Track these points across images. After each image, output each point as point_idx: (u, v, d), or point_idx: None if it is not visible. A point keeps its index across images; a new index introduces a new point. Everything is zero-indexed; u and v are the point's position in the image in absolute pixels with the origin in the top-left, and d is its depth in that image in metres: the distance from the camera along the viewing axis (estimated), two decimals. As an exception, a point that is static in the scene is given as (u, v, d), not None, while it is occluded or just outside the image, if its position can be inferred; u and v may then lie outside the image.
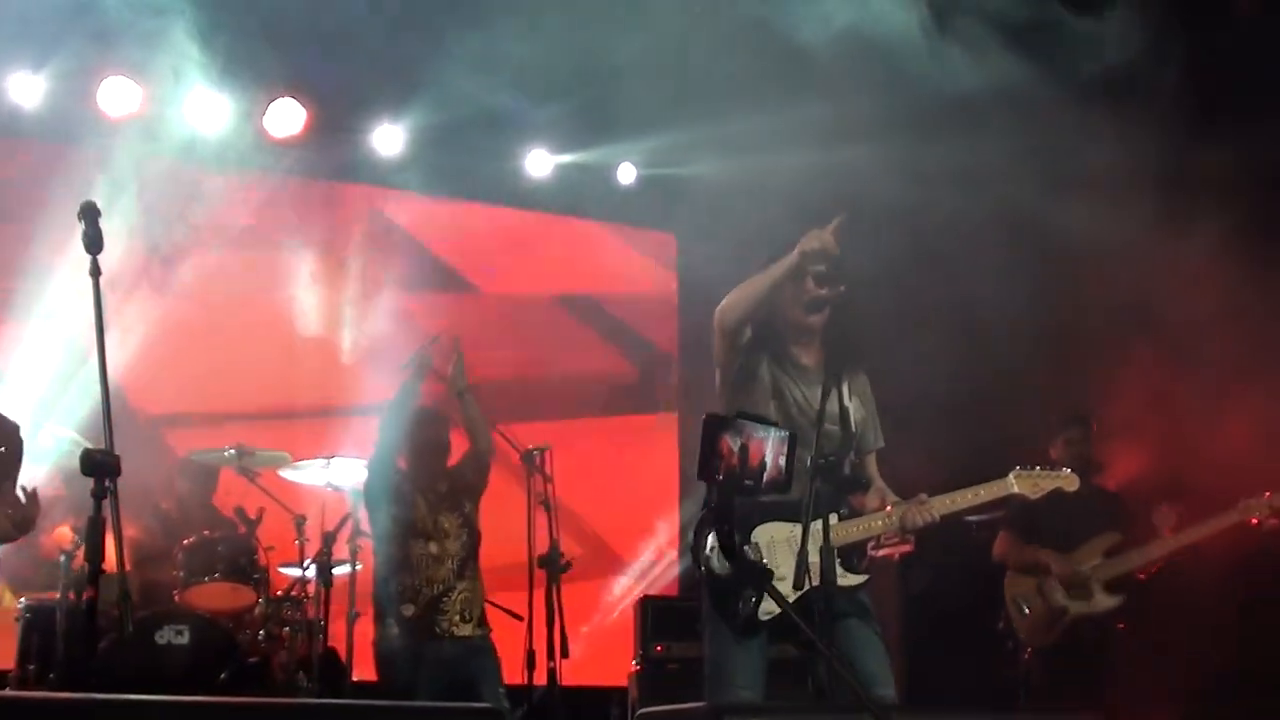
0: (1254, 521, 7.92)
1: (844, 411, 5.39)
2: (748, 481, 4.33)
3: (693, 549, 5.43)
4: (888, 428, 5.78)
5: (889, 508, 5.40)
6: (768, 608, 5.20)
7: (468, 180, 11.41)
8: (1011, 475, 5.50)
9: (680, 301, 12.13)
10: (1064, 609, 8.07)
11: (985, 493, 5.46)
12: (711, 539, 5.34)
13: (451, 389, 7.76)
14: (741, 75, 9.54)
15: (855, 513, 5.45)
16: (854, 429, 5.41)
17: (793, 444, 4.41)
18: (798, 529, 5.06)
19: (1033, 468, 5.53)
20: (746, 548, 5.27)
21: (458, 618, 7.52)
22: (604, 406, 11.80)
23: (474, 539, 7.76)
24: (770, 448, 4.36)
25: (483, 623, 7.65)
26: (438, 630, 7.46)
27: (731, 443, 4.30)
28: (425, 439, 7.76)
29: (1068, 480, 5.61)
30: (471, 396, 7.80)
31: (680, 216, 11.72)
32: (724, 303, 5.50)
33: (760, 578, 5.13)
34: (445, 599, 7.52)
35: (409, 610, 7.46)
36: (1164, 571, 8.10)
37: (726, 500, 4.33)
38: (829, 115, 9.55)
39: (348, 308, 10.95)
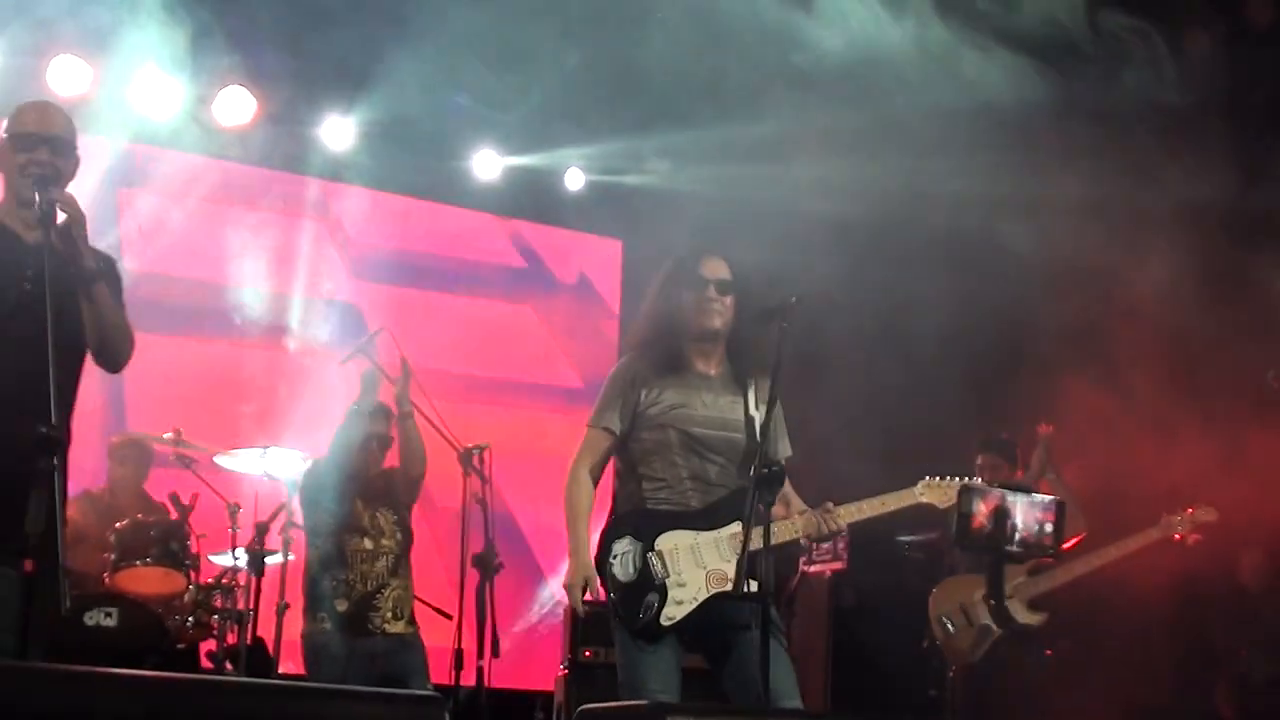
0: (1177, 538, 8.02)
1: (749, 420, 5.39)
2: (1011, 547, 4.79)
3: (597, 558, 5.40)
4: (812, 441, 5.79)
5: (795, 516, 5.40)
6: (669, 613, 5.19)
7: (416, 177, 11.39)
8: (919, 485, 5.46)
9: (623, 307, 12.14)
10: (987, 628, 8.12)
11: (892, 502, 5.41)
12: (616, 546, 5.35)
13: (397, 406, 7.71)
14: (693, 85, 9.61)
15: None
16: (756, 437, 5.36)
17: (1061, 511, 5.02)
18: (700, 537, 5.20)
19: (942, 478, 5.49)
20: (650, 555, 5.26)
21: (390, 614, 7.50)
22: (542, 407, 11.79)
23: (408, 538, 7.74)
24: (1027, 511, 4.92)
25: (412, 620, 7.65)
26: (370, 626, 7.45)
27: (987, 509, 4.70)
28: (365, 432, 7.74)
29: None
30: (413, 421, 7.73)
31: (627, 223, 11.76)
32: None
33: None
34: (378, 595, 7.51)
35: (342, 605, 7.44)
36: (1087, 591, 8.17)
37: (998, 565, 4.60)
38: (778, 128, 9.64)
39: (293, 298, 10.93)
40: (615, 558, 5.32)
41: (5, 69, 9.83)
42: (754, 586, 5.20)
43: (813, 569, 9.77)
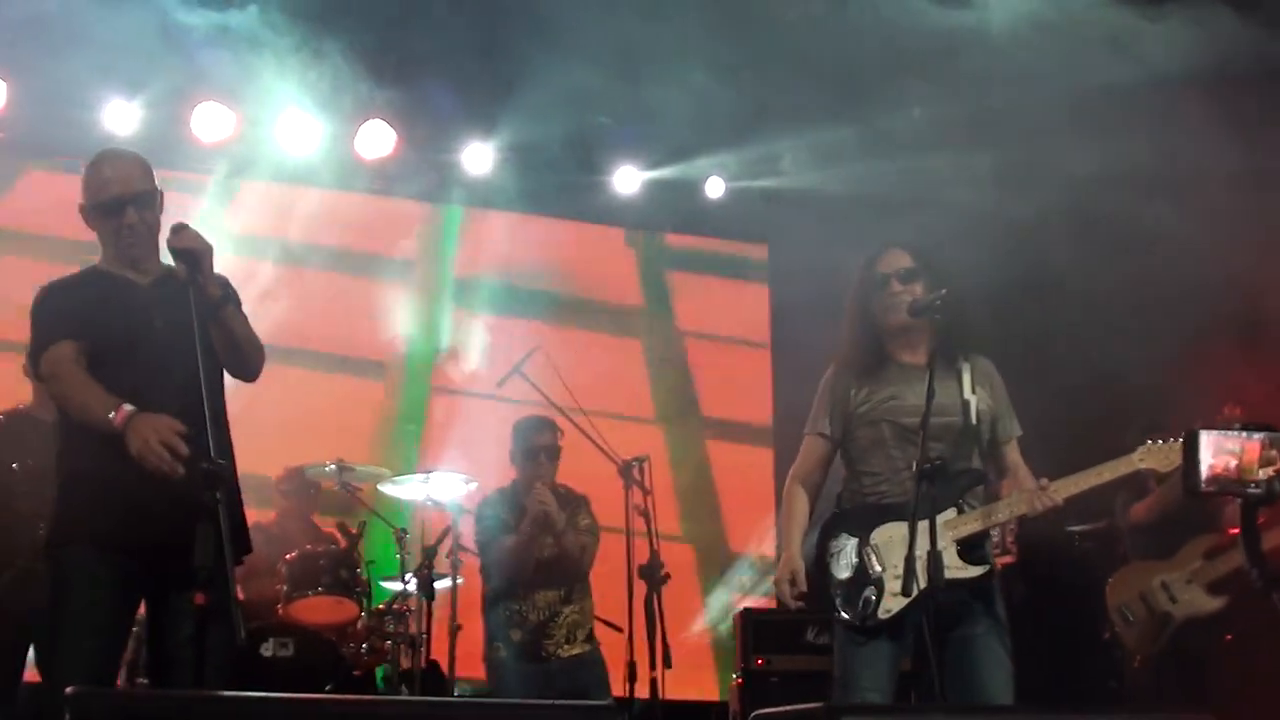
0: None
1: (965, 404, 5.34)
2: (1253, 489, 4.55)
3: (816, 555, 5.39)
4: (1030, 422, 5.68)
5: (1012, 495, 5.32)
6: (886, 606, 5.16)
7: (556, 197, 11.45)
8: (1138, 451, 5.28)
9: (772, 310, 12.09)
10: (1168, 615, 7.95)
11: (1108, 471, 5.26)
12: (834, 543, 5.34)
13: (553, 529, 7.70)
14: (828, 81, 9.55)
15: (992, 499, 5.38)
16: (974, 420, 5.34)
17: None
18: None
19: (1164, 440, 5.27)
20: (865, 549, 5.25)
21: (563, 639, 7.55)
22: (700, 415, 11.77)
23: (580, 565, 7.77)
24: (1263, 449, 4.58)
25: (590, 638, 7.66)
26: (544, 654, 7.52)
27: (1220, 450, 4.50)
28: (538, 444, 7.79)
29: None
30: (573, 534, 7.75)
31: (771, 227, 11.71)
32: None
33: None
34: (551, 624, 7.55)
35: (516, 635, 7.53)
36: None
37: (1249, 510, 4.50)
38: (916, 122, 9.55)
39: (443, 325, 11.03)
40: (832, 555, 5.34)
41: (148, 119, 10.02)
42: (974, 571, 5.19)
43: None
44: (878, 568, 5.21)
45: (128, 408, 4.54)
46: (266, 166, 10.46)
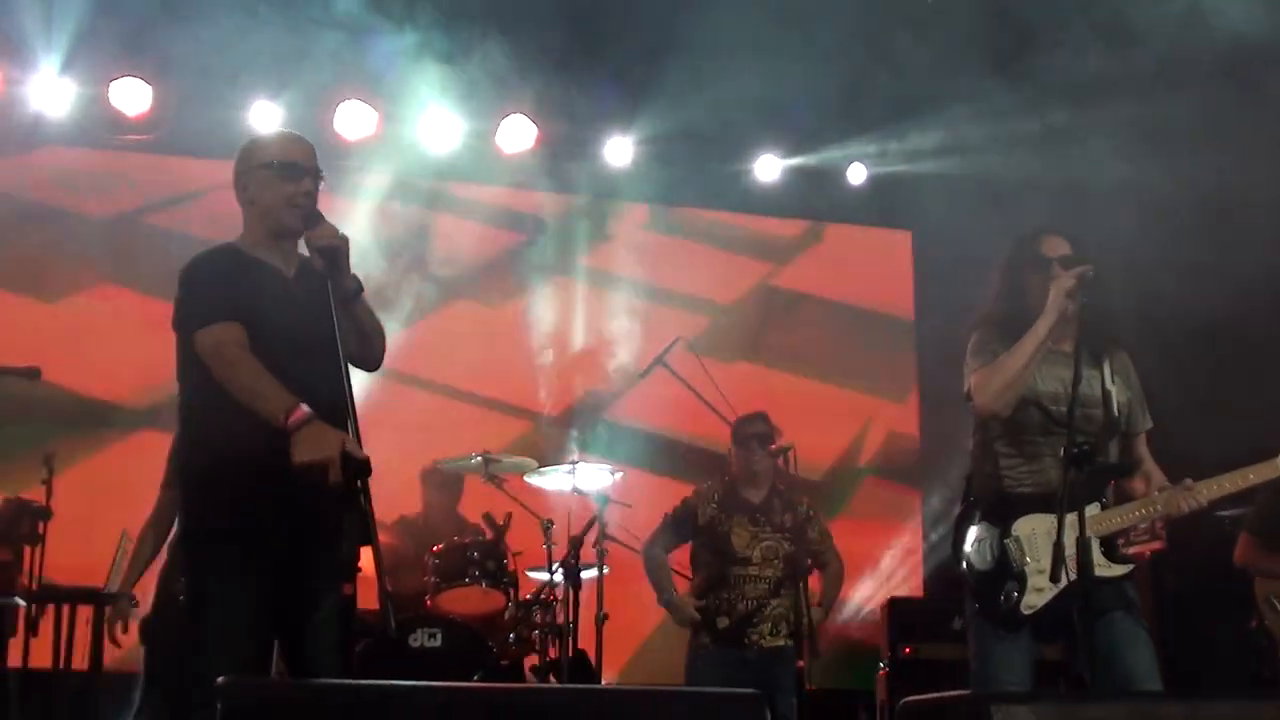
0: None
1: (1106, 395, 5.25)
2: None
3: (953, 544, 5.34)
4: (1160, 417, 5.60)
5: (1154, 494, 5.24)
6: (1030, 601, 5.10)
7: (697, 187, 11.46)
8: None
9: (916, 296, 12.01)
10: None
11: (1255, 475, 5.18)
12: (972, 533, 5.28)
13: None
14: (968, 65, 9.47)
15: (1123, 498, 5.31)
16: (1115, 412, 5.26)
17: None
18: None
19: None
20: (1007, 541, 5.18)
21: (768, 630, 7.55)
22: (844, 401, 11.75)
23: (798, 560, 7.64)
24: None
25: (796, 633, 7.61)
26: (746, 641, 7.51)
27: None
28: (749, 433, 7.76)
29: None
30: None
31: (914, 214, 11.64)
32: (987, 392, 5.22)
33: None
34: (758, 615, 7.55)
35: (723, 622, 7.53)
36: None
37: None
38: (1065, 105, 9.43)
39: (583, 316, 11.10)
40: (971, 545, 5.27)
41: (290, 120, 10.14)
42: (1118, 570, 5.15)
43: (1131, 550, 9.46)
44: (1021, 561, 5.15)
45: (306, 409, 4.51)
46: (408, 163, 10.60)
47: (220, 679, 3.52)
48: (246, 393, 4.62)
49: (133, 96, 10.06)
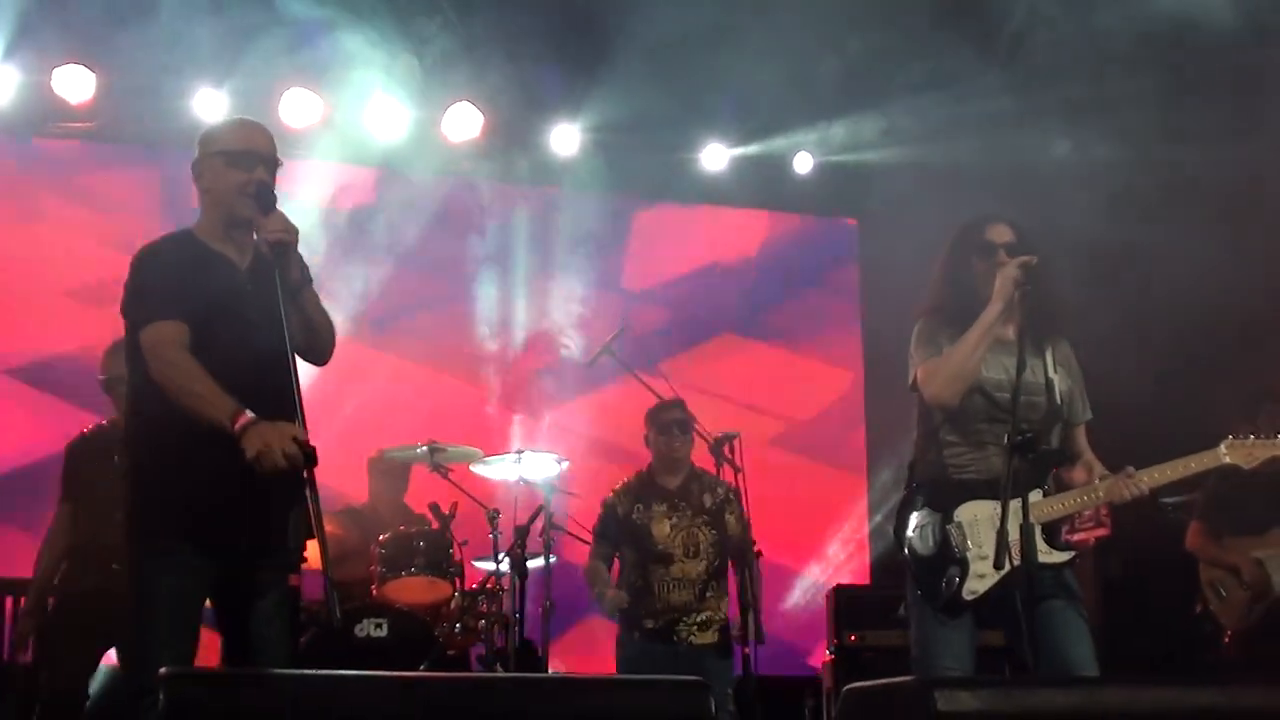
0: None
1: (1049, 383, 5.30)
2: None
3: (895, 530, 5.37)
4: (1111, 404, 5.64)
5: (1095, 482, 5.28)
6: (971, 587, 5.13)
7: (643, 177, 11.45)
8: (1223, 445, 5.27)
9: (862, 286, 12.06)
10: (1263, 591, 7.82)
11: (1195, 464, 5.26)
12: (914, 519, 5.30)
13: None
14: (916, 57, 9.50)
15: (1064, 487, 5.35)
16: (1058, 400, 5.30)
17: None
18: (1000, 506, 4.91)
19: (1247, 437, 5.28)
20: (949, 527, 5.21)
21: (696, 630, 7.55)
22: (789, 391, 11.77)
23: (723, 558, 7.72)
24: None
25: (724, 630, 7.64)
26: (675, 639, 7.52)
27: None
28: (668, 420, 7.80)
29: None
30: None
31: (860, 203, 11.66)
32: (935, 383, 5.26)
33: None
34: (685, 619, 7.55)
35: (650, 624, 7.54)
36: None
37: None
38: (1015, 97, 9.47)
39: (522, 304, 11.10)
40: (913, 530, 5.30)
41: (235, 108, 10.04)
42: (1059, 557, 5.17)
43: (1076, 537, 9.53)
44: (963, 547, 5.18)
45: (249, 414, 4.48)
46: (354, 151, 10.54)
47: (162, 670, 3.49)
48: (184, 394, 4.59)
49: (76, 84, 9.95)
